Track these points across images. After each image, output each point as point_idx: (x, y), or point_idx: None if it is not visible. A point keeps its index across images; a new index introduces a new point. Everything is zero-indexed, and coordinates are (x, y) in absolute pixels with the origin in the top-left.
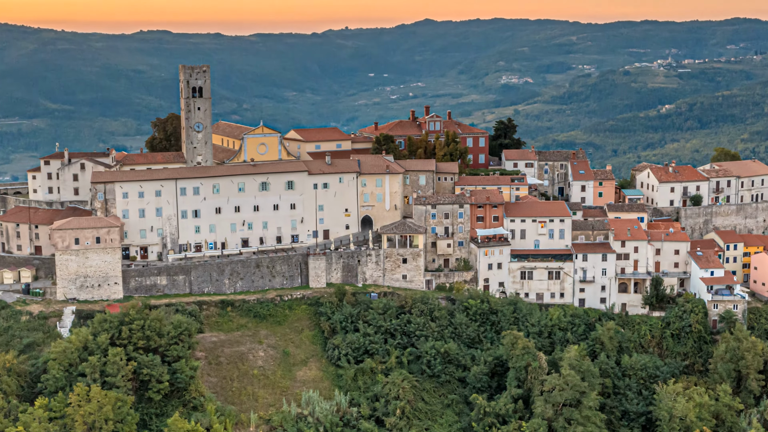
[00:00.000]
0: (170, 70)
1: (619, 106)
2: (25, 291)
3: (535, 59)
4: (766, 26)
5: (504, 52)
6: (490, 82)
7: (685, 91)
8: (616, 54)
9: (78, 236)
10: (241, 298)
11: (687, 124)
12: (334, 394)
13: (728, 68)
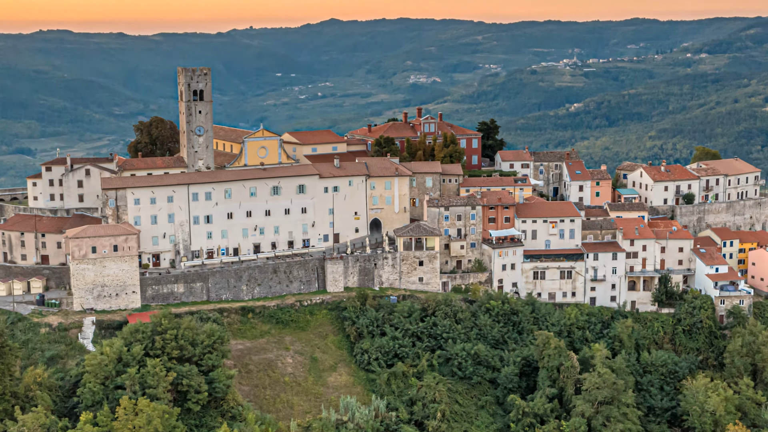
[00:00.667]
0: (74, 70)
1: (527, 105)
2: (39, 302)
3: (442, 59)
4: (664, 26)
5: (411, 51)
6: (399, 82)
7: (591, 90)
8: (521, 53)
9: (95, 244)
10: (261, 305)
11: (596, 122)
12: (371, 399)
13: (631, 67)
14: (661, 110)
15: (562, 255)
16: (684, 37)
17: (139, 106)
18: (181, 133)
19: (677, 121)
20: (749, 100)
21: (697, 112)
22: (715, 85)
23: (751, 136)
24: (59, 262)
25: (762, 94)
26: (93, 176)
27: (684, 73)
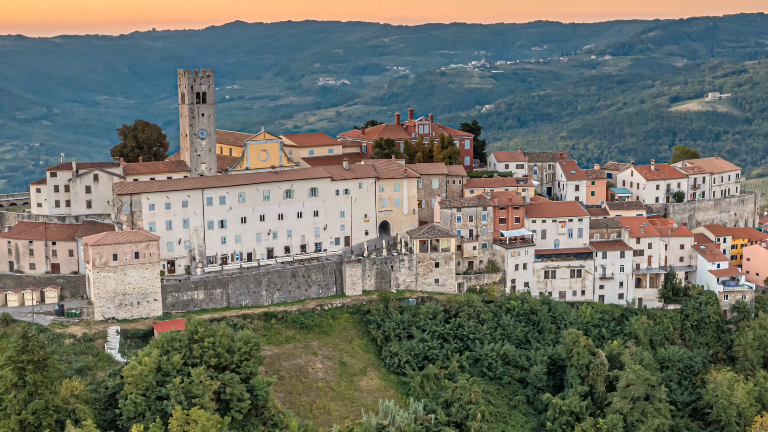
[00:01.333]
0: None
1: (439, 107)
2: (59, 312)
3: (350, 61)
4: (566, 29)
5: (319, 53)
6: (308, 84)
7: (500, 92)
8: (428, 55)
9: (116, 252)
10: (283, 310)
11: (507, 123)
12: (406, 402)
13: (538, 69)
14: (570, 111)
15: (572, 254)
16: (586, 40)
17: (42, 110)
18: (183, 137)
19: (587, 122)
20: (655, 100)
21: (606, 113)
22: (620, 86)
23: (658, 136)
24: (71, 270)
25: (666, 94)
26: (101, 181)
27: (590, 74)
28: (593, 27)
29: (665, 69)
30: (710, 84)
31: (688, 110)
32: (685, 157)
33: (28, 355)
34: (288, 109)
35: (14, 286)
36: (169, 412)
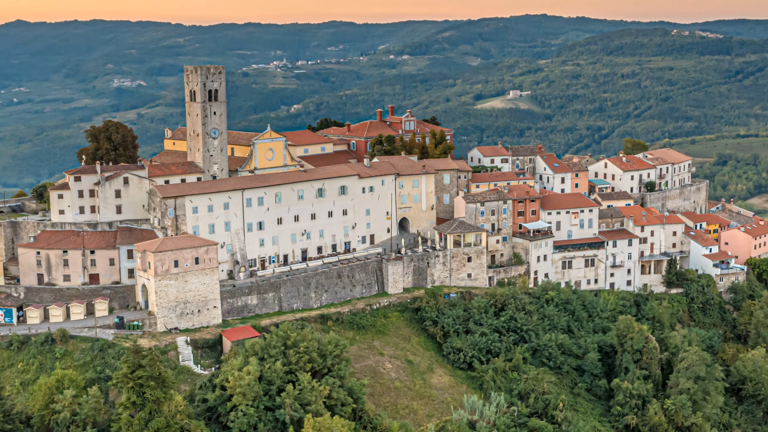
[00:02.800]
0: None
1: (244, 108)
2: (119, 325)
3: (144, 61)
4: (361, 29)
5: (111, 54)
6: (102, 86)
7: (304, 92)
8: (225, 56)
9: (177, 258)
10: (336, 311)
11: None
12: (490, 396)
13: (340, 69)
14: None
15: (585, 244)
16: (380, 40)
17: None
18: (192, 136)
19: None
20: (459, 99)
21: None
22: (424, 85)
23: (467, 132)
24: (112, 280)
25: (470, 93)
26: (131, 185)
27: (390, 74)
28: (387, 27)
29: (462, 68)
30: (510, 82)
31: (493, 107)
32: (636, 149)
33: (145, 371)
34: (84, 112)
35: (54, 299)
36: (283, 420)
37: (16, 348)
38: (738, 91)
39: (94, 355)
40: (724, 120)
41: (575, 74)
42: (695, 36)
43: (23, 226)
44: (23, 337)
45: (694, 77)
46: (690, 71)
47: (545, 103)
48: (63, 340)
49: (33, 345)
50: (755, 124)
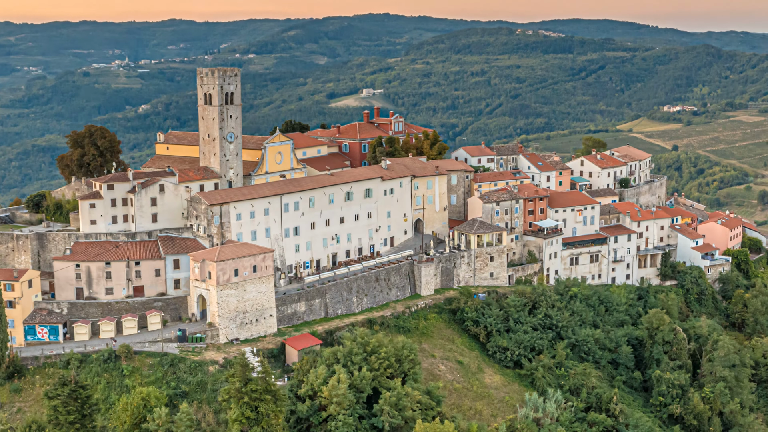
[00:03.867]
0: None
1: (87, 108)
2: (182, 338)
3: None
4: (201, 27)
5: None
6: None
7: (150, 91)
8: (60, 55)
9: (237, 267)
10: (379, 315)
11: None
12: (549, 393)
13: (185, 68)
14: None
15: (590, 240)
16: (222, 38)
17: None
18: (207, 140)
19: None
20: (313, 97)
21: (266, 110)
22: (275, 84)
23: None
24: (158, 292)
25: (322, 91)
26: (167, 192)
27: None
28: (228, 26)
29: (310, 67)
30: (362, 81)
31: (347, 106)
32: (596, 147)
33: (257, 384)
34: None
35: (102, 314)
36: (381, 427)
37: (74, 367)
38: (582, 88)
39: (165, 370)
40: (571, 116)
41: (426, 72)
42: (539, 35)
43: (51, 238)
44: (81, 354)
45: (540, 75)
46: (536, 69)
47: (399, 101)
48: (128, 357)
49: (95, 363)
50: (602, 120)
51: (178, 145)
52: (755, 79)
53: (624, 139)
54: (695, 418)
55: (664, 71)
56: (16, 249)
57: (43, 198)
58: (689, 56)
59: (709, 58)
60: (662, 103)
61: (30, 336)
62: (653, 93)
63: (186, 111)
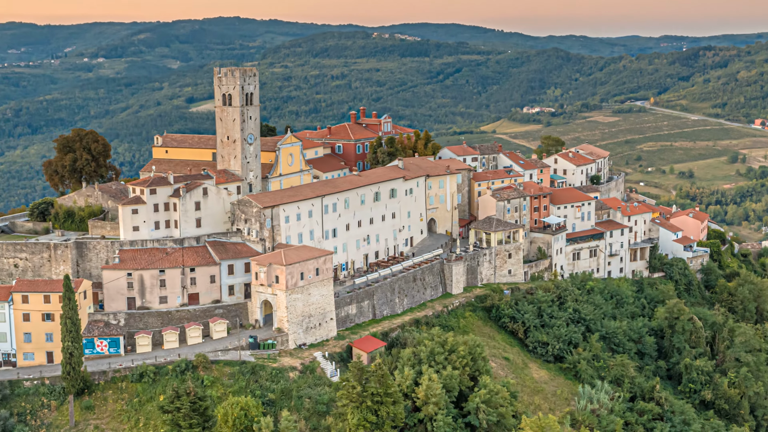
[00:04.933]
0: None
1: None
2: (254, 345)
3: None
4: (43, 31)
5: None
6: None
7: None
8: None
9: (303, 270)
10: (423, 315)
11: (18, 130)
12: (597, 385)
13: (30, 73)
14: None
15: (590, 236)
16: (66, 42)
17: None
18: (226, 143)
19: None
20: (171, 102)
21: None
22: (129, 88)
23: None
24: (212, 299)
25: (181, 96)
26: (210, 196)
27: (87, 77)
28: (72, 29)
29: (163, 71)
30: None
31: (209, 110)
32: (557, 145)
33: (375, 387)
34: None
35: (162, 324)
36: (479, 425)
37: (150, 380)
38: (441, 91)
39: (246, 379)
40: (433, 118)
41: (286, 76)
42: (395, 39)
43: (91, 247)
44: (155, 367)
45: (400, 78)
46: (396, 72)
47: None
48: (205, 367)
49: (171, 375)
50: (462, 122)
51: (178, 148)
52: (604, 81)
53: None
54: (726, 402)
55: (517, 74)
56: (53, 259)
57: (50, 206)
58: (540, 59)
59: (559, 61)
60: (518, 105)
61: (89, 350)
62: (509, 95)
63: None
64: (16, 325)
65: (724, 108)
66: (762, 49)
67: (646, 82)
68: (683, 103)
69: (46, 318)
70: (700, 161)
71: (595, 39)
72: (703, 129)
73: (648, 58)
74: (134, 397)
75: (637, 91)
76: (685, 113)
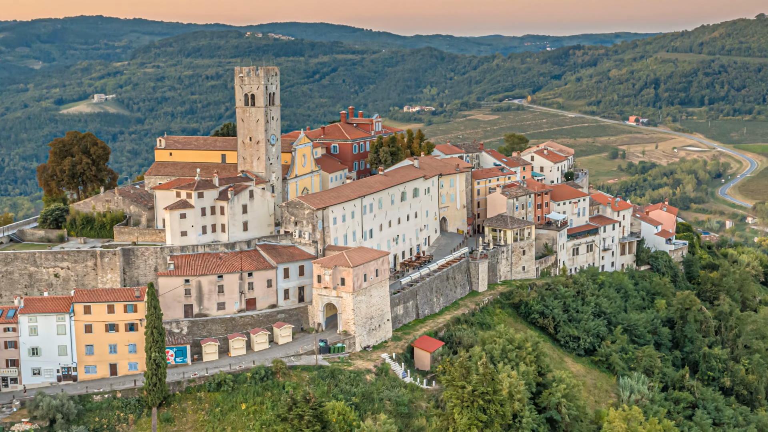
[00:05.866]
0: None
1: None
2: (325, 349)
3: None
4: None
5: None
6: None
7: None
8: None
9: (366, 272)
10: (461, 314)
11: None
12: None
13: None
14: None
15: (587, 231)
16: None
17: None
18: (248, 144)
19: None
20: (40, 104)
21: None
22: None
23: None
24: (269, 304)
25: (49, 98)
26: (256, 198)
27: None
28: None
29: (25, 72)
30: (90, 86)
31: (80, 112)
32: (521, 144)
33: (482, 386)
34: None
35: (226, 330)
36: (557, 419)
37: (228, 388)
38: (319, 90)
39: (326, 383)
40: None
41: (159, 76)
42: (269, 38)
43: (139, 254)
44: (232, 375)
45: None
46: None
47: (134, 106)
48: (284, 373)
49: (250, 382)
50: None
51: (182, 150)
52: (479, 79)
53: None
54: (745, 388)
55: (393, 73)
56: (99, 267)
57: (64, 212)
58: (415, 59)
59: (434, 60)
60: (396, 104)
61: None
62: (386, 94)
63: None
64: (77, 337)
65: (599, 105)
66: (628, 48)
67: (520, 81)
68: (559, 101)
69: (110, 329)
70: (582, 157)
71: (462, 38)
72: (581, 126)
73: (520, 57)
74: (215, 406)
75: (512, 90)
76: (562, 111)
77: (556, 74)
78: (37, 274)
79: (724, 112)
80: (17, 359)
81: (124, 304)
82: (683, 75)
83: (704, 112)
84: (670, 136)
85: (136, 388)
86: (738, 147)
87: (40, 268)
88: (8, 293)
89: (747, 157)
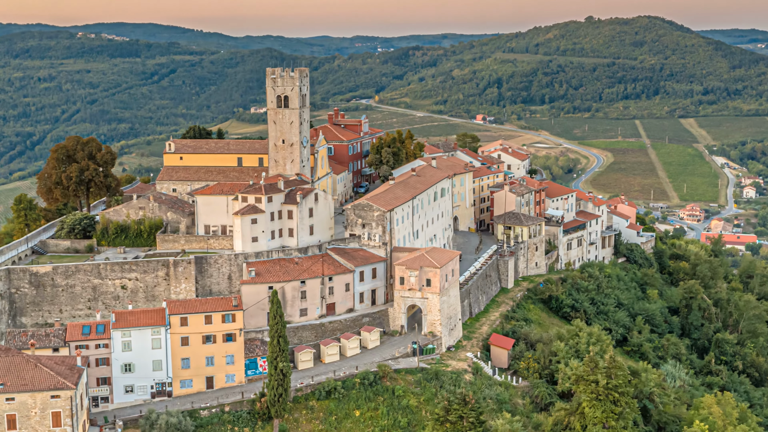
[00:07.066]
0: None
1: None
2: (416, 352)
3: None
4: None
5: None
6: None
7: None
8: None
9: (446, 272)
10: (504, 310)
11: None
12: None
13: None
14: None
15: (578, 226)
16: None
17: None
18: (280, 146)
19: None
20: None
21: None
22: None
23: None
24: (347, 308)
25: None
26: (320, 202)
27: None
28: None
29: None
30: None
31: None
32: (473, 141)
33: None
34: None
35: (316, 337)
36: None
37: (340, 395)
38: (159, 92)
39: (432, 385)
40: (155, 120)
41: None
42: (102, 39)
43: (212, 262)
44: (340, 382)
45: (113, 79)
46: (108, 74)
47: None
48: (391, 377)
49: (359, 388)
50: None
51: (193, 154)
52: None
53: None
54: (757, 370)
55: (233, 74)
56: (171, 276)
57: (94, 221)
58: (255, 59)
59: (274, 61)
60: (240, 105)
61: (251, 371)
62: (229, 95)
63: None
64: (173, 351)
65: (445, 104)
66: (465, 49)
67: (363, 81)
68: (407, 100)
69: (207, 340)
70: None
71: (293, 39)
72: (431, 125)
73: (361, 58)
74: (329, 415)
75: (356, 90)
76: (410, 110)
77: (398, 74)
78: (102, 286)
79: (564, 110)
80: (109, 377)
81: (222, 314)
82: (524, 75)
83: (546, 110)
84: (517, 133)
85: (244, 400)
86: (582, 143)
87: (105, 280)
88: (70, 308)
89: (593, 153)
